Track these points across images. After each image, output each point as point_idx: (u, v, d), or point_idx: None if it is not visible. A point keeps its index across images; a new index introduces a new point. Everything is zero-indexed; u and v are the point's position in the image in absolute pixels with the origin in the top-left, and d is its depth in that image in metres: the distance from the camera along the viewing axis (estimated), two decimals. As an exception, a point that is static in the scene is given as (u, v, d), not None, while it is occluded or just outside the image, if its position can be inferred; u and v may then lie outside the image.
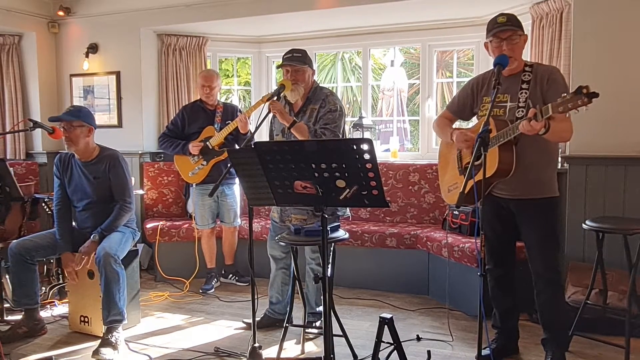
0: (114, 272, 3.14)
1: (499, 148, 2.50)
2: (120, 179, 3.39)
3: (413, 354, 2.96)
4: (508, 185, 2.67)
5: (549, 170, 2.72)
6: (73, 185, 3.42)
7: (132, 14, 5.12)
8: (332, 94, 3.21)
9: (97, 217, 3.38)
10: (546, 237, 2.70)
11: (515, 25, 2.61)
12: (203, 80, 4.31)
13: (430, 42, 4.95)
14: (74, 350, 3.18)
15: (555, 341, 2.79)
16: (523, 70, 2.66)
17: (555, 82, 2.59)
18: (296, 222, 3.18)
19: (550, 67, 2.75)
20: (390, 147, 5.24)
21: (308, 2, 4.51)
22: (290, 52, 3.21)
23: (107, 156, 3.39)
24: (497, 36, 2.62)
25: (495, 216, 2.82)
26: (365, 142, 1.88)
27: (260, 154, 2.07)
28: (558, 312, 2.77)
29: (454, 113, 2.95)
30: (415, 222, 4.53)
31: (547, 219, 2.70)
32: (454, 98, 2.99)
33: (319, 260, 3.23)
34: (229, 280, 4.54)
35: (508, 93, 2.65)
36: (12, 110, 5.44)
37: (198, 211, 4.35)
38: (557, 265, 2.74)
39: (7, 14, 5.08)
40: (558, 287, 2.78)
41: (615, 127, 3.52)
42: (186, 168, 4.29)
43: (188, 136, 4.31)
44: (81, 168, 3.39)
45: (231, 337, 3.36)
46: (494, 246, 2.87)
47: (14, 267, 3.29)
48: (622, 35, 3.51)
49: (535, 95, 2.58)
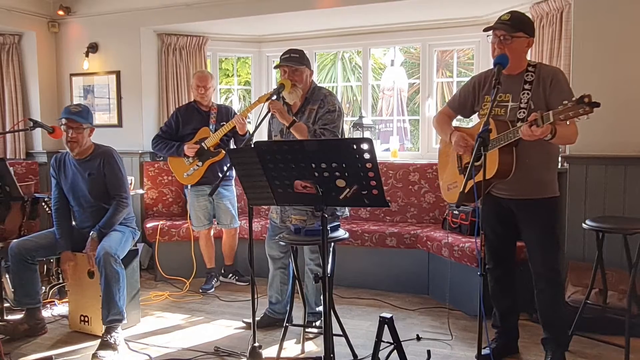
0: (114, 272, 3.14)
1: (499, 150, 2.50)
2: (115, 174, 3.38)
3: (413, 353, 2.96)
4: (509, 185, 2.67)
5: (550, 170, 2.72)
6: (69, 184, 3.42)
7: (132, 13, 5.12)
8: (330, 94, 3.20)
9: (95, 216, 3.38)
10: (546, 237, 2.70)
11: (512, 26, 2.59)
12: (198, 80, 4.29)
13: (430, 41, 4.95)
14: (73, 349, 3.18)
15: (555, 341, 2.79)
16: (526, 70, 2.65)
17: (558, 84, 2.57)
18: (296, 223, 3.18)
19: (553, 69, 2.72)
20: (390, 146, 5.24)
21: (308, 2, 4.51)
22: (288, 53, 3.19)
23: (101, 153, 3.40)
24: (494, 33, 2.64)
25: (495, 216, 2.82)
26: (365, 142, 1.88)
27: (260, 153, 2.07)
28: (558, 312, 2.77)
29: (454, 110, 2.95)
30: (415, 221, 4.53)
31: (547, 219, 2.71)
32: (455, 95, 2.98)
33: (318, 261, 3.23)
34: (228, 279, 4.54)
35: (510, 93, 2.64)
36: (12, 110, 5.44)
37: (193, 212, 4.34)
38: (557, 265, 2.74)
39: (7, 13, 5.07)
40: (558, 286, 2.78)
41: (615, 127, 3.52)
42: (181, 169, 4.28)
43: (182, 137, 4.28)
44: (75, 166, 3.39)
45: (231, 336, 3.36)
46: (494, 246, 2.88)
47: (14, 267, 3.29)
48: (622, 35, 3.51)
49: (538, 96, 2.57)
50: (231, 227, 4.37)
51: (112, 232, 3.35)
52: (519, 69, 2.66)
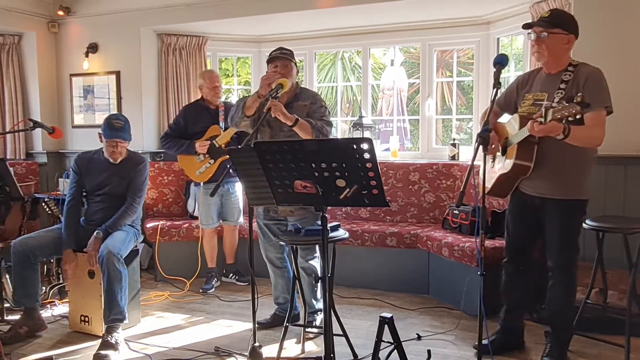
0: (117, 271, 3.15)
1: (518, 145, 2.57)
2: (138, 182, 3.50)
3: (413, 353, 2.96)
4: (534, 182, 2.71)
5: (578, 171, 2.68)
6: (93, 180, 3.50)
7: (132, 13, 5.12)
8: (318, 94, 3.32)
9: (107, 211, 3.43)
10: (564, 238, 2.70)
11: (549, 22, 2.58)
12: (211, 79, 4.34)
13: (430, 41, 4.95)
14: (74, 349, 3.18)
15: (556, 336, 2.85)
16: (565, 70, 2.63)
17: (591, 84, 2.53)
18: (282, 213, 3.19)
19: (592, 68, 2.62)
20: (390, 146, 5.24)
21: (308, 2, 4.51)
22: (279, 49, 3.26)
23: (134, 161, 3.54)
24: (533, 30, 2.63)
25: (520, 212, 2.88)
26: (365, 142, 1.88)
27: (260, 153, 2.07)
28: (564, 310, 2.80)
29: (501, 108, 2.98)
30: (416, 221, 4.53)
31: (568, 220, 2.70)
32: (503, 93, 2.99)
33: (309, 257, 3.23)
34: (229, 279, 4.54)
35: (546, 91, 2.66)
36: (12, 110, 5.44)
37: (203, 210, 4.35)
38: (570, 266, 2.74)
39: (7, 13, 5.08)
40: (568, 286, 2.78)
41: (616, 127, 3.49)
42: (192, 167, 4.32)
43: (191, 136, 4.32)
44: (106, 166, 3.48)
45: (231, 336, 3.36)
46: (514, 241, 2.94)
47: (16, 266, 3.29)
48: (622, 34, 3.51)
49: (570, 95, 2.51)
50: (237, 223, 4.40)
51: (117, 231, 3.37)
52: (558, 68, 2.65)
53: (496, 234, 3.66)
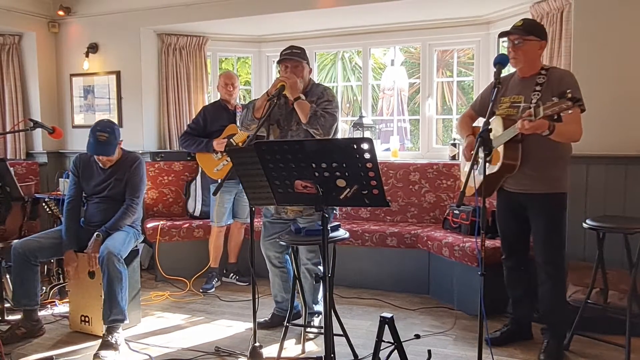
0: (117, 272, 3.15)
1: (505, 145, 2.68)
2: (136, 181, 3.48)
3: (414, 353, 2.96)
4: (517, 179, 2.82)
5: (558, 166, 2.81)
6: (91, 183, 3.49)
7: (132, 13, 5.12)
8: (329, 89, 3.28)
9: (107, 213, 3.43)
10: (550, 232, 2.82)
11: (524, 29, 2.74)
12: (226, 79, 4.47)
13: (430, 41, 4.95)
14: (74, 350, 3.17)
15: (551, 332, 2.91)
16: (539, 73, 2.78)
17: (568, 83, 2.67)
18: (292, 214, 3.20)
19: (564, 71, 2.87)
20: (390, 146, 5.23)
21: (308, 2, 4.51)
22: (290, 48, 3.24)
23: (129, 160, 3.51)
24: (509, 38, 2.79)
25: (509, 210, 3.00)
26: (365, 142, 1.88)
27: (260, 153, 2.07)
28: (556, 305, 2.87)
29: (476, 111, 3.14)
30: (416, 221, 4.53)
31: (552, 214, 2.81)
32: (477, 97, 3.18)
33: (315, 260, 3.24)
34: (230, 279, 4.54)
35: (522, 94, 2.80)
36: (12, 110, 5.44)
37: (218, 208, 4.37)
38: (558, 260, 2.84)
39: (7, 13, 5.08)
40: (557, 281, 2.87)
41: (616, 127, 3.52)
42: (210, 165, 4.41)
43: (209, 134, 4.42)
44: (102, 168, 3.48)
45: (232, 336, 3.36)
46: (508, 238, 3.07)
47: (16, 267, 3.29)
48: (622, 35, 3.50)
49: (547, 97, 2.62)
50: (246, 221, 4.44)
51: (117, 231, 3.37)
52: (532, 72, 2.81)
53: (496, 234, 3.66)
